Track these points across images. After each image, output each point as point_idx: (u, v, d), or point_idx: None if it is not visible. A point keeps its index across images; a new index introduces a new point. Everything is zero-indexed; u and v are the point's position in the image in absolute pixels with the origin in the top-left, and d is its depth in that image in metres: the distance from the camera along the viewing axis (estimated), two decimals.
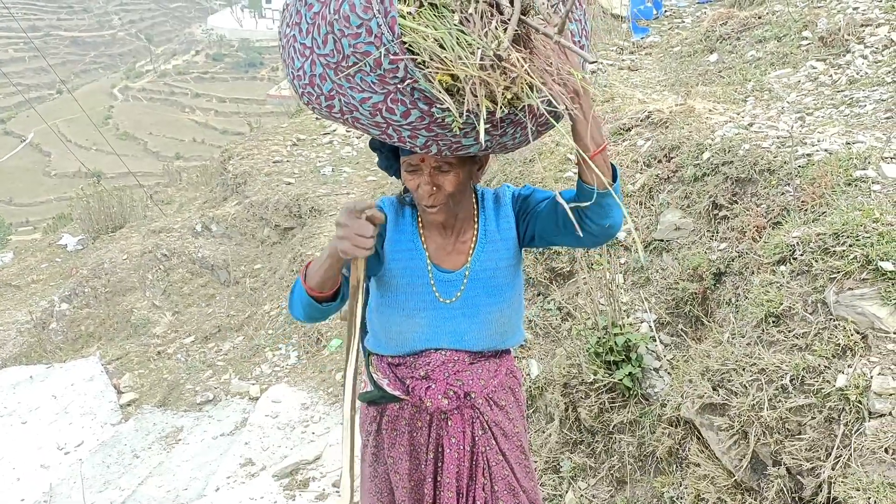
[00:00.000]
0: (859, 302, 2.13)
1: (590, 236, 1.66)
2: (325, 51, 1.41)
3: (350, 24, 1.34)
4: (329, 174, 8.62)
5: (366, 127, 1.51)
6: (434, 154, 1.56)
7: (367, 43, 1.34)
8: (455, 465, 1.88)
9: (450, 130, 1.43)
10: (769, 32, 5.21)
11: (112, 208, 11.42)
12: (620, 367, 3.02)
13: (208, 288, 8.38)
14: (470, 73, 1.31)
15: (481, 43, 1.33)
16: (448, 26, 1.35)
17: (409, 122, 1.44)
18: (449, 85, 1.34)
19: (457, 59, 1.32)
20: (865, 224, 2.25)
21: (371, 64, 1.36)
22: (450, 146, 1.51)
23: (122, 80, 69.52)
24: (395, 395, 1.88)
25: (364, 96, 1.42)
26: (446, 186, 1.66)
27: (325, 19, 1.38)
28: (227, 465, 4.56)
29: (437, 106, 1.38)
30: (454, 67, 1.31)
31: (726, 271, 2.97)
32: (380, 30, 1.32)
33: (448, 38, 1.33)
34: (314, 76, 1.46)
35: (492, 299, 1.84)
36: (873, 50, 4.08)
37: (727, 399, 2.35)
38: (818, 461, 2.01)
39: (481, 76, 1.32)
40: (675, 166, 3.54)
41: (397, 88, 1.38)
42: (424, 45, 1.32)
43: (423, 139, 1.48)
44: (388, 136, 1.51)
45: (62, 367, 7.07)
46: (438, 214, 1.72)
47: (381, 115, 1.44)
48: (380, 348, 1.93)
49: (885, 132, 3.01)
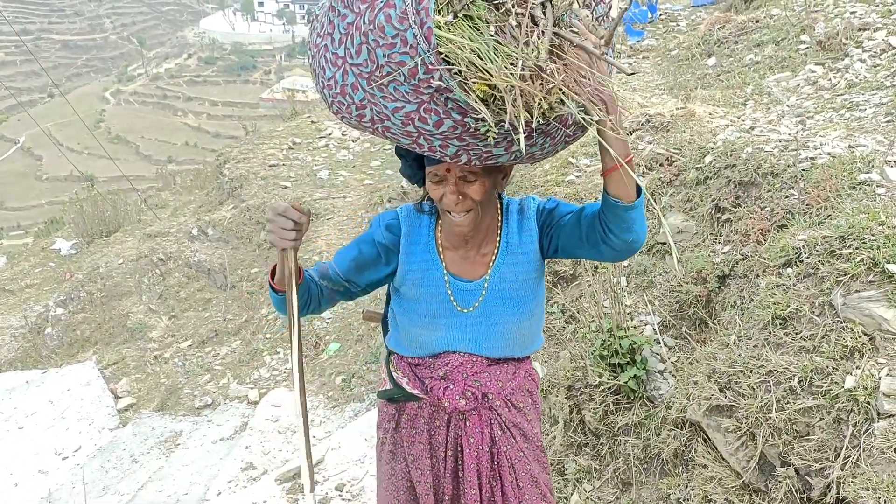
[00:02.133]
0: (866, 304, 2.15)
1: (611, 251, 1.66)
2: (358, 60, 1.42)
3: (385, 35, 1.35)
4: (325, 178, 8.62)
5: (396, 136, 1.51)
6: (463, 163, 1.57)
7: (403, 53, 1.35)
8: (475, 464, 1.90)
9: (481, 140, 1.44)
10: (767, 36, 5.25)
11: (106, 212, 11.35)
12: (625, 369, 3.03)
13: (205, 292, 8.35)
14: (512, 83, 1.32)
15: (521, 54, 1.34)
16: (484, 37, 1.35)
17: (441, 132, 1.44)
18: (485, 95, 1.34)
19: (499, 69, 1.32)
20: (871, 227, 2.28)
21: (406, 74, 1.36)
22: (480, 156, 1.52)
23: (114, 84, 69.31)
24: (413, 394, 1.91)
25: (397, 105, 1.43)
26: (472, 195, 1.67)
27: (360, 30, 1.39)
28: (229, 469, 4.54)
29: (472, 116, 1.39)
30: (495, 78, 1.32)
31: (731, 274, 2.99)
32: (415, 40, 1.33)
33: (485, 49, 1.33)
34: (346, 85, 1.47)
35: (511, 310, 1.85)
36: (871, 54, 4.11)
37: (734, 401, 2.36)
38: (827, 462, 2.02)
39: (522, 87, 1.32)
40: (677, 170, 3.56)
41: (431, 98, 1.39)
42: (462, 56, 1.33)
43: (455, 148, 1.49)
44: (419, 146, 1.51)
45: (58, 373, 7.02)
46: (466, 224, 1.72)
47: (414, 125, 1.45)
48: (400, 349, 1.95)
49: (886, 136, 3.04)
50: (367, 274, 1.87)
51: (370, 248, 1.85)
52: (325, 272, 1.85)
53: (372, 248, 1.85)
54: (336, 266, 1.86)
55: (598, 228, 1.63)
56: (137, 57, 77.17)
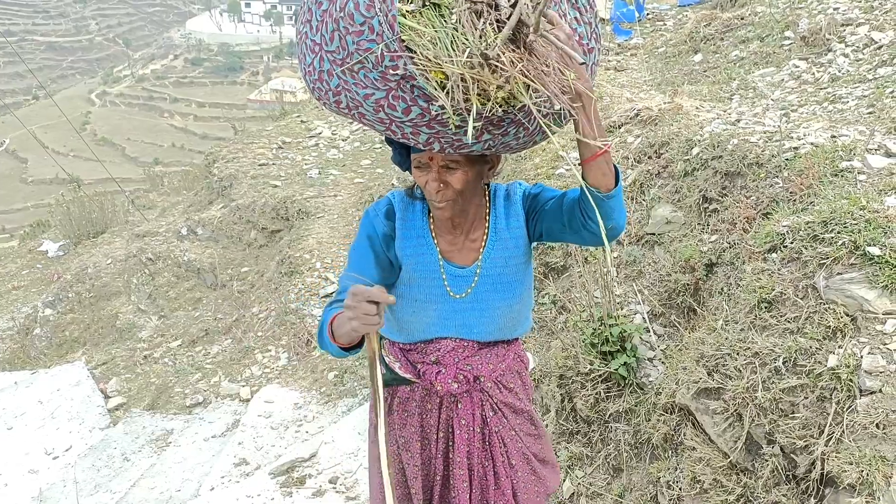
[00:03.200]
0: (848, 286, 2.21)
1: (592, 236, 1.69)
2: (332, 47, 1.46)
3: (354, 22, 1.39)
4: (316, 177, 8.63)
5: (371, 123, 1.55)
6: (437, 151, 1.60)
7: (370, 40, 1.39)
8: (465, 445, 1.94)
9: (448, 128, 1.47)
10: (752, 33, 5.33)
11: (93, 213, 11.30)
12: (615, 357, 3.08)
13: (195, 291, 8.33)
14: (455, 70, 1.35)
15: (471, 42, 1.37)
16: (444, 25, 1.39)
17: (410, 119, 1.48)
18: (443, 82, 1.38)
19: (448, 57, 1.36)
20: (852, 212, 2.34)
21: (373, 61, 1.40)
22: (451, 144, 1.55)
23: (100, 86, 68.82)
24: (406, 378, 1.94)
25: (367, 92, 1.47)
26: (454, 184, 1.70)
27: (332, 17, 1.43)
28: (221, 465, 4.55)
29: (434, 103, 1.42)
30: (444, 65, 1.36)
31: (718, 262, 3.05)
32: (381, 27, 1.37)
33: (442, 37, 1.38)
34: (322, 72, 1.51)
35: (502, 294, 1.89)
36: (854, 49, 4.20)
37: (722, 383, 2.42)
38: (811, 439, 2.08)
39: (469, 74, 1.36)
40: (665, 162, 3.62)
41: (398, 85, 1.43)
42: (420, 43, 1.37)
43: (425, 136, 1.52)
44: (393, 133, 1.55)
45: (47, 373, 6.99)
46: (446, 211, 1.76)
47: (384, 112, 1.49)
48: (391, 334, 1.98)
49: (868, 126, 3.11)
50: (390, 269, 1.86)
51: (378, 244, 1.85)
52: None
53: (380, 244, 1.85)
54: (365, 280, 1.75)
55: (577, 215, 1.68)
56: (123, 58, 76.71)
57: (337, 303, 1.69)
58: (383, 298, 1.49)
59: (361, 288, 1.50)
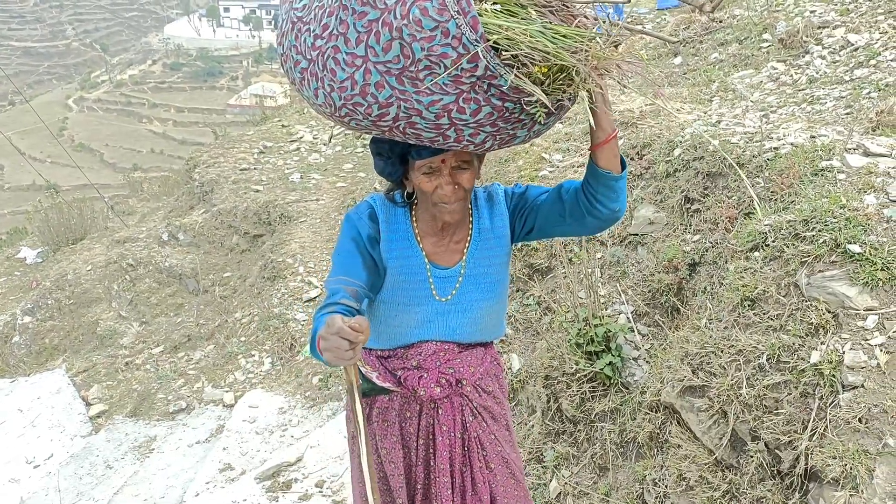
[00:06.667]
0: (830, 283, 2.25)
1: (596, 221, 1.73)
2: (387, 57, 1.40)
3: (423, 28, 1.35)
4: (298, 181, 8.60)
5: (419, 132, 1.51)
6: (487, 149, 1.61)
7: (444, 45, 1.35)
8: (447, 451, 1.93)
9: (513, 123, 1.48)
10: (730, 36, 5.41)
11: (72, 220, 11.16)
12: (601, 357, 3.10)
13: (176, 297, 8.26)
14: (572, 62, 1.36)
15: (579, 33, 1.39)
16: (529, 20, 1.38)
17: (476, 120, 1.46)
18: (544, 76, 1.37)
19: (558, 49, 1.35)
20: (833, 210, 2.38)
21: (447, 65, 1.36)
22: (503, 140, 1.55)
23: (77, 91, 67.99)
24: (384, 388, 1.91)
25: (433, 99, 1.42)
26: (464, 183, 1.71)
27: (390, 25, 1.37)
28: (206, 470, 4.52)
29: (522, 100, 1.42)
30: (557, 57, 1.35)
31: (701, 261, 3.08)
32: (459, 31, 1.33)
33: (539, 33, 1.36)
34: (367, 85, 1.44)
35: (484, 295, 1.90)
36: (831, 51, 4.27)
37: (706, 381, 2.44)
38: (795, 434, 2.11)
39: (592, 63, 1.38)
40: (647, 163, 3.65)
41: (472, 87, 1.40)
42: (521, 40, 1.34)
43: (484, 136, 1.51)
44: (445, 137, 1.52)
45: (27, 381, 6.90)
46: (457, 213, 1.76)
47: (449, 117, 1.45)
48: (368, 343, 1.92)
49: (846, 126, 3.16)
50: (376, 271, 1.84)
51: (364, 247, 1.81)
52: (356, 296, 1.72)
53: (365, 247, 1.82)
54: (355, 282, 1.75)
55: (582, 201, 1.71)
56: (101, 63, 75.87)
57: (328, 307, 1.64)
58: (355, 338, 1.42)
59: (338, 322, 1.42)
